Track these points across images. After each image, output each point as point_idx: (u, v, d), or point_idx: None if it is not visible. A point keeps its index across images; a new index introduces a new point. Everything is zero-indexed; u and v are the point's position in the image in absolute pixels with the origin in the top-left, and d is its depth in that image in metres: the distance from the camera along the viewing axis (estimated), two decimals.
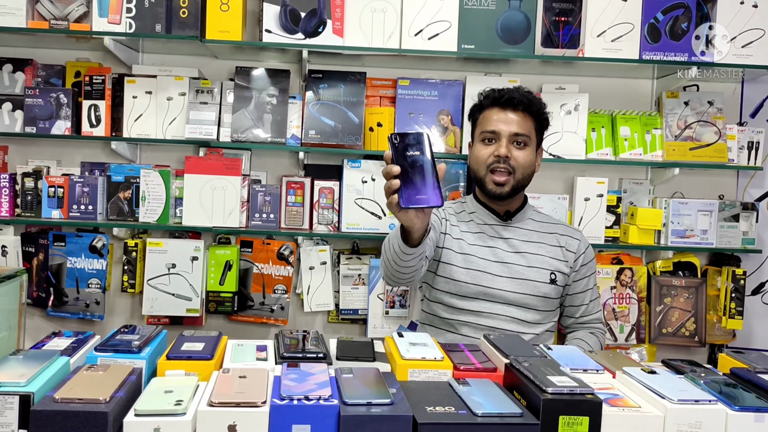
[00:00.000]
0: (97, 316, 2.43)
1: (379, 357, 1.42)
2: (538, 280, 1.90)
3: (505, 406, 1.17)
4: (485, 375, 1.34)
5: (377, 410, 1.09)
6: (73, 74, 2.48)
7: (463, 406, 1.17)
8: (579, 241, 1.99)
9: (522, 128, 1.87)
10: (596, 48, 2.32)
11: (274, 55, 2.47)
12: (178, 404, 1.08)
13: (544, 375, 1.23)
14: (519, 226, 1.96)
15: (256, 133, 2.39)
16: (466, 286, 1.88)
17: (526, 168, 1.89)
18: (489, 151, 1.87)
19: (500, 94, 1.90)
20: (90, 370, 1.17)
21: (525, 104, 1.88)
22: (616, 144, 2.47)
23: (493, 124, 1.88)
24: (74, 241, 2.42)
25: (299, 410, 1.08)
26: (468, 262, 1.88)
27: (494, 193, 1.88)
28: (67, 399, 1.03)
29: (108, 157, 2.52)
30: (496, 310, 1.88)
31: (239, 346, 1.42)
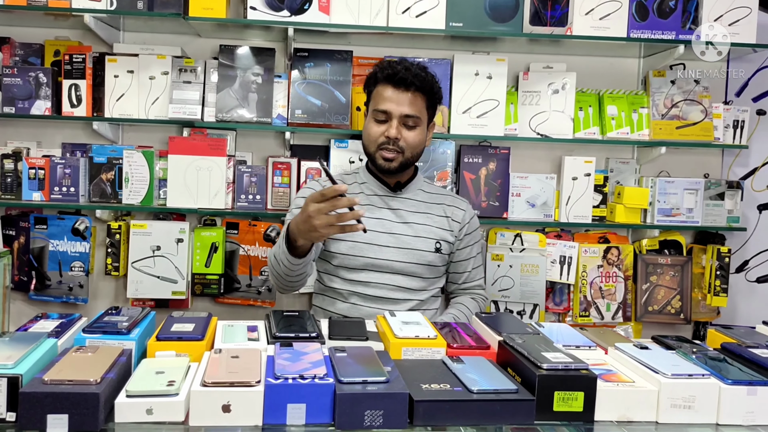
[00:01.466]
0: (81, 299, 2.39)
1: (371, 336, 1.41)
2: (423, 249, 1.93)
3: (500, 382, 1.17)
4: (479, 352, 1.34)
5: (373, 388, 1.09)
6: (52, 53, 2.42)
7: (458, 383, 1.17)
8: (464, 212, 2.03)
9: (413, 109, 1.88)
10: (584, 26, 2.31)
11: (258, 33, 2.43)
12: (170, 385, 1.06)
13: (538, 351, 1.23)
14: (408, 197, 1.99)
15: (241, 113, 2.35)
16: (353, 259, 1.90)
17: (416, 147, 1.92)
18: (380, 130, 1.89)
19: (393, 71, 1.87)
20: (79, 352, 1.15)
21: (417, 85, 1.87)
22: (603, 123, 2.47)
23: (385, 103, 1.88)
24: (56, 224, 2.37)
25: (294, 389, 1.07)
26: (354, 235, 1.87)
27: (383, 168, 1.91)
28: (57, 381, 1.01)
29: (89, 137, 2.46)
30: (383, 279, 1.91)
31: (230, 327, 1.40)
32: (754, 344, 1.41)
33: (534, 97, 2.45)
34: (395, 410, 1.07)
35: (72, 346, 1.21)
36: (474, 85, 2.38)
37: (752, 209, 2.65)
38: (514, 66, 2.48)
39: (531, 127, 2.44)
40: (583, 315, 2.46)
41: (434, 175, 2.41)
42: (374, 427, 1.06)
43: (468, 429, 1.09)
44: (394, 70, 1.87)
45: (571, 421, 1.13)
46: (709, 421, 1.16)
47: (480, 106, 2.38)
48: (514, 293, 2.44)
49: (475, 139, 2.48)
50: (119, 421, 1.02)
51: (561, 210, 2.45)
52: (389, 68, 1.89)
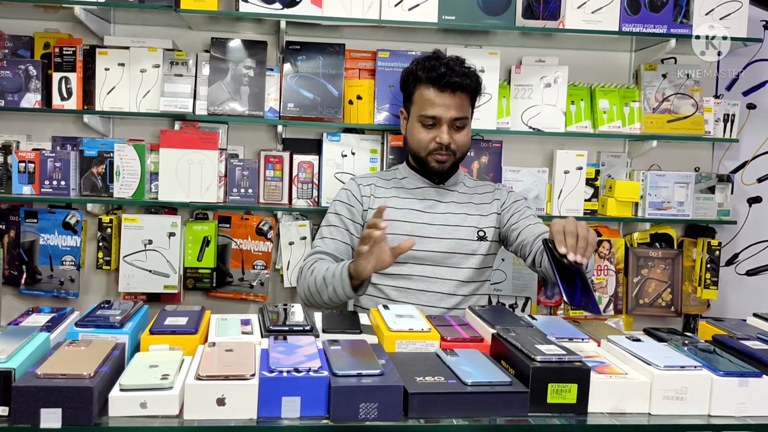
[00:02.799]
0: (72, 293, 2.37)
1: (364, 329, 1.41)
2: (465, 237, 1.92)
3: (494, 375, 1.18)
4: (472, 345, 1.35)
5: (368, 381, 1.09)
6: (42, 45, 2.40)
7: (452, 375, 1.17)
8: (500, 190, 2.05)
9: (461, 111, 1.88)
10: (577, 20, 2.31)
11: (250, 26, 2.42)
12: (164, 378, 1.06)
13: (531, 344, 1.24)
14: (450, 188, 2.00)
15: (233, 106, 2.34)
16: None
17: (466, 145, 1.94)
18: (430, 136, 1.89)
19: (438, 74, 1.85)
20: (72, 346, 1.14)
21: (464, 86, 1.87)
22: (595, 117, 2.47)
23: (433, 108, 1.87)
24: (47, 218, 2.36)
25: (289, 382, 1.07)
26: (392, 227, 1.88)
27: (436, 170, 1.93)
28: (50, 374, 1.01)
29: (80, 131, 2.45)
30: (425, 272, 1.90)
31: (223, 321, 1.40)
32: (745, 336, 1.42)
33: (526, 90, 2.45)
34: (390, 403, 1.07)
35: (65, 340, 1.21)
36: None
37: (742, 203, 2.67)
38: (507, 60, 2.48)
39: (523, 121, 2.44)
40: (575, 308, 2.47)
41: None
42: (369, 420, 1.06)
43: (462, 421, 1.09)
44: (438, 72, 1.85)
45: (564, 412, 1.14)
46: (700, 412, 1.17)
47: None
48: (506, 287, 2.45)
49: None
50: (113, 415, 1.02)
51: (553, 203, 2.45)
52: (432, 70, 1.86)
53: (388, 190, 2.00)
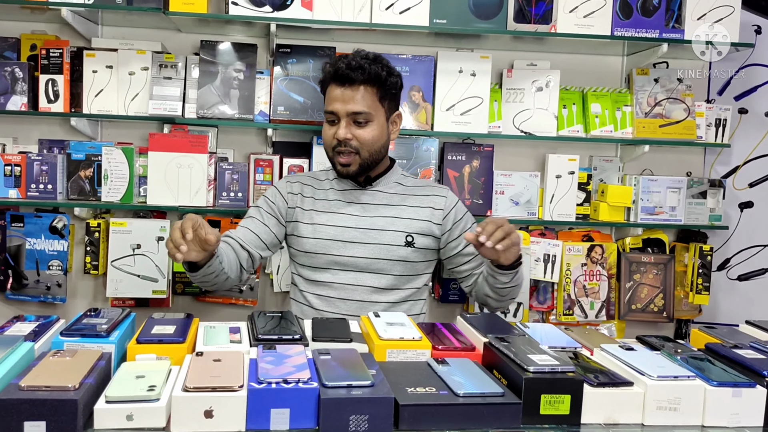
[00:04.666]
0: (59, 298, 2.34)
1: (354, 337, 1.39)
2: (392, 243, 1.83)
3: (486, 385, 1.16)
4: (464, 354, 1.33)
5: (358, 392, 1.07)
6: (29, 47, 2.37)
7: (443, 386, 1.15)
8: (445, 198, 1.91)
9: (361, 105, 1.78)
10: (568, 24, 2.30)
11: (240, 29, 2.40)
12: (150, 390, 1.04)
13: (524, 354, 1.23)
14: (380, 189, 1.90)
15: (222, 110, 2.32)
16: (316, 257, 1.84)
17: (373, 144, 1.81)
18: (332, 132, 1.81)
19: (336, 69, 1.78)
20: (56, 356, 1.12)
21: (362, 78, 1.77)
22: (587, 121, 2.47)
23: (332, 103, 1.80)
24: (33, 222, 2.33)
25: (278, 394, 1.05)
26: (317, 232, 1.84)
27: (342, 174, 1.85)
28: (34, 387, 0.99)
29: (67, 134, 2.42)
30: (347, 279, 1.83)
31: (211, 329, 1.38)
32: (738, 344, 1.41)
33: (518, 94, 2.44)
34: (380, 415, 1.05)
35: (49, 349, 1.18)
36: (458, 82, 2.37)
37: (734, 207, 2.67)
38: (498, 63, 2.47)
39: (515, 125, 2.43)
40: (567, 313, 2.46)
41: (418, 172, 2.39)
42: None
43: None
44: (336, 66, 1.78)
45: (557, 424, 1.13)
46: (694, 423, 1.16)
47: (464, 104, 2.37)
48: None
49: (458, 137, 2.47)
50: (99, 428, 1.00)
51: (545, 208, 2.45)
52: (333, 65, 1.80)
53: (317, 191, 1.91)
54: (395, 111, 1.89)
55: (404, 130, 2.36)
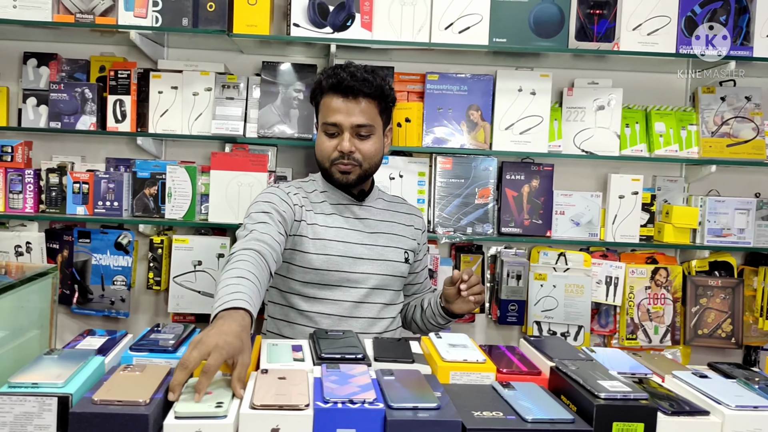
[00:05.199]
0: (123, 313, 2.40)
1: (416, 358, 1.37)
2: (395, 259, 1.84)
3: (555, 411, 1.13)
4: (529, 378, 1.30)
5: (424, 415, 1.05)
6: (98, 69, 2.45)
7: (510, 411, 1.12)
8: (421, 219, 2.00)
9: (365, 118, 1.75)
10: (632, 41, 2.26)
11: (300, 50, 2.43)
12: (219, 406, 1.04)
13: (594, 379, 1.19)
14: (372, 205, 1.89)
15: (282, 129, 2.35)
16: (327, 274, 1.77)
17: (373, 157, 1.80)
18: (332, 144, 1.77)
19: (338, 80, 1.74)
20: (127, 371, 1.13)
21: (366, 91, 1.74)
22: (650, 140, 2.41)
23: (334, 115, 1.75)
24: (99, 238, 2.39)
25: (344, 414, 1.04)
26: (326, 248, 1.77)
27: (341, 182, 1.80)
28: (106, 401, 1.00)
29: (132, 152, 2.49)
30: (359, 296, 1.79)
31: (274, 346, 1.38)
32: None
33: (578, 113, 2.41)
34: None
35: (118, 363, 1.20)
36: (517, 101, 2.35)
37: None
38: (558, 82, 2.44)
39: (575, 144, 2.39)
40: (630, 338, 2.39)
41: (476, 191, 2.37)
42: None
43: None
44: (338, 77, 1.74)
45: None
46: None
47: (523, 123, 2.34)
48: (557, 314, 2.38)
49: (517, 156, 2.44)
50: None
51: (607, 229, 2.39)
52: (333, 76, 1.76)
53: (313, 204, 1.84)
54: (389, 125, 1.89)
55: (462, 149, 2.35)
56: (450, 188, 2.38)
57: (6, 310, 1.16)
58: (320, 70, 2.42)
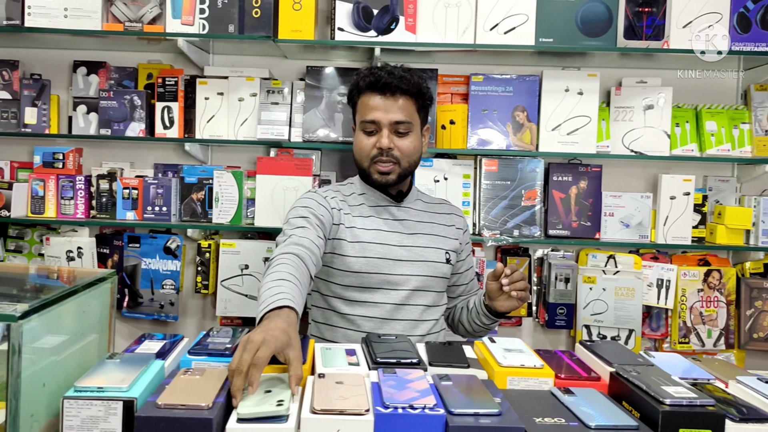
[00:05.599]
0: (172, 317, 2.43)
1: (471, 363, 1.36)
2: (436, 260, 1.82)
3: (618, 417, 1.10)
4: (589, 384, 1.28)
5: (486, 421, 1.04)
6: (145, 76, 2.49)
7: (572, 417, 1.10)
8: (462, 218, 1.96)
9: (403, 115, 1.75)
10: (682, 39, 2.21)
11: (343, 54, 2.44)
12: (279, 405, 1.04)
13: (658, 385, 1.16)
14: (410, 206, 1.87)
15: (326, 133, 2.35)
16: (367, 277, 1.75)
17: (412, 155, 1.79)
18: (371, 142, 1.77)
19: (376, 78, 1.75)
20: (187, 375, 1.14)
21: (404, 88, 1.75)
22: (701, 139, 2.35)
23: (372, 112, 1.75)
24: (149, 243, 2.43)
25: (405, 419, 1.03)
26: (365, 251, 1.76)
27: (380, 182, 1.80)
28: (170, 405, 1.01)
29: (179, 158, 2.52)
30: (399, 299, 1.77)
31: (328, 350, 1.38)
32: None
33: (627, 113, 2.36)
34: None
35: (177, 367, 1.21)
36: (564, 101, 2.32)
37: None
38: (605, 81, 2.40)
39: (624, 144, 2.35)
40: (683, 341, 2.34)
41: (522, 193, 2.35)
42: None
43: None
44: (376, 76, 1.76)
45: None
46: None
47: (570, 123, 2.31)
48: (607, 318, 2.34)
49: (564, 157, 2.40)
50: None
51: (658, 231, 2.34)
52: (371, 75, 1.77)
53: (351, 206, 1.83)
54: (426, 124, 1.87)
55: (508, 150, 2.33)
56: (496, 190, 2.36)
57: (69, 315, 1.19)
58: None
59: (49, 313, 1.08)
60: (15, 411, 0.98)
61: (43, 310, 1.06)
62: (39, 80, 2.47)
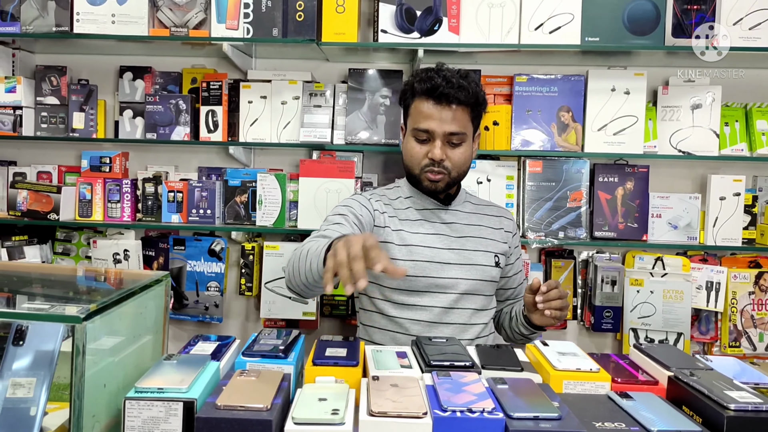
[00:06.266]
0: (216, 318, 2.45)
1: (524, 366, 1.34)
2: (485, 264, 1.79)
3: (680, 423, 1.08)
4: (646, 388, 1.25)
5: (546, 425, 1.02)
6: (190, 81, 2.53)
7: (633, 422, 1.08)
8: (511, 221, 1.93)
9: (458, 126, 1.71)
10: (732, 36, 2.16)
11: (385, 56, 2.44)
12: (334, 414, 1.04)
13: (720, 390, 1.13)
14: (458, 209, 1.85)
15: (368, 135, 2.36)
16: (414, 280, 1.74)
17: (462, 165, 1.77)
18: (423, 151, 1.74)
19: (433, 86, 1.70)
20: (243, 376, 1.15)
21: (461, 99, 1.70)
22: (751, 139, 2.30)
23: (426, 122, 1.71)
24: (193, 245, 2.46)
25: (463, 423, 1.02)
26: (413, 254, 1.74)
27: (429, 189, 1.78)
28: (230, 406, 1.01)
29: (223, 161, 2.55)
30: (447, 302, 1.75)
31: (379, 352, 1.37)
32: None
33: (674, 112, 2.32)
34: None
35: (231, 368, 1.22)
36: (610, 101, 2.28)
37: None
38: (651, 80, 2.36)
39: (672, 144, 2.30)
40: (733, 345, 2.28)
41: (567, 195, 2.32)
42: None
43: None
44: (433, 83, 1.70)
45: None
46: None
47: (616, 123, 2.28)
48: (655, 321, 2.29)
49: (610, 158, 2.37)
50: None
51: (707, 232, 2.29)
52: (428, 80, 1.71)
53: (397, 210, 1.82)
54: (478, 130, 1.84)
55: (553, 151, 2.30)
56: (540, 192, 2.33)
57: (128, 316, 1.20)
58: (406, 75, 2.44)
59: (110, 314, 1.09)
60: (79, 411, 0.99)
61: (105, 311, 1.07)
62: (86, 86, 2.51)
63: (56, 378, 1.21)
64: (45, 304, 1.06)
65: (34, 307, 1.03)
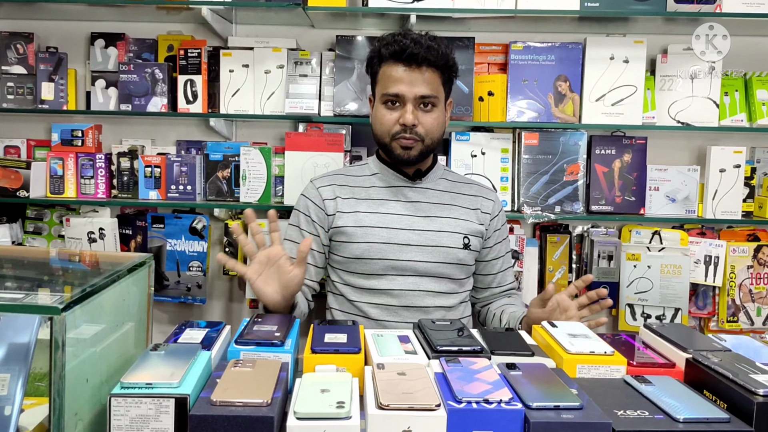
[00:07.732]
0: (199, 299, 2.35)
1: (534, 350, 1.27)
2: (451, 245, 1.70)
3: (706, 409, 1.01)
4: (663, 372, 1.19)
5: (568, 416, 0.95)
6: (166, 48, 2.39)
7: (656, 409, 1.02)
8: (493, 202, 1.82)
9: (429, 88, 1.64)
10: (735, 3, 2.09)
11: (374, 22, 2.32)
12: (340, 407, 0.96)
13: (745, 373, 1.07)
14: (429, 186, 1.77)
15: (357, 107, 2.25)
16: (370, 263, 1.68)
17: (436, 131, 1.69)
18: (393, 117, 1.66)
19: (401, 48, 1.62)
20: (238, 367, 1.06)
21: (431, 60, 1.62)
22: (751, 109, 2.24)
23: (396, 85, 1.63)
24: (173, 223, 2.34)
25: (480, 415, 0.95)
26: (368, 235, 1.68)
27: (402, 158, 1.69)
28: (226, 402, 0.93)
29: (203, 134, 2.43)
30: (406, 285, 1.69)
31: (380, 337, 1.29)
32: None
33: (673, 81, 2.25)
34: None
35: (221, 358, 1.14)
36: (608, 70, 2.20)
37: None
38: (650, 49, 2.28)
39: (670, 115, 2.23)
40: (731, 320, 2.24)
41: (564, 168, 2.24)
42: None
43: None
44: (401, 45, 1.62)
45: None
46: None
47: (615, 93, 2.20)
48: (652, 296, 2.24)
49: (608, 129, 2.29)
50: None
51: (706, 205, 2.24)
52: (395, 43, 1.63)
53: (356, 189, 1.76)
54: (449, 98, 1.76)
55: (550, 123, 2.22)
56: (536, 165, 2.25)
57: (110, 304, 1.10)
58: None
59: (91, 303, 0.99)
60: (60, 411, 0.90)
61: (85, 300, 0.97)
62: (55, 54, 2.36)
63: (31, 368, 1.11)
64: (19, 293, 0.95)
65: (7, 297, 0.92)
